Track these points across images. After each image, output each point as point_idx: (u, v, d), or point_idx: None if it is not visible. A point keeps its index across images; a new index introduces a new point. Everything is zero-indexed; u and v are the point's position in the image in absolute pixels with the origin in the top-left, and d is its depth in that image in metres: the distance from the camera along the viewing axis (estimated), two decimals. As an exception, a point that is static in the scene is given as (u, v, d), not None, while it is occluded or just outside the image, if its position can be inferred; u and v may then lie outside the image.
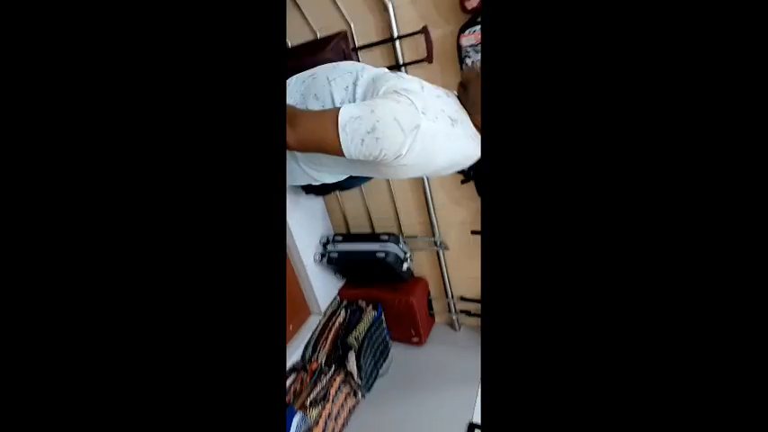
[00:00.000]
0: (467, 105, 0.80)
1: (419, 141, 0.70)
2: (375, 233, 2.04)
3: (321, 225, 2.13)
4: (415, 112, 0.69)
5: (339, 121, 0.70)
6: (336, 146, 0.71)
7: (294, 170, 0.91)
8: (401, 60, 1.62)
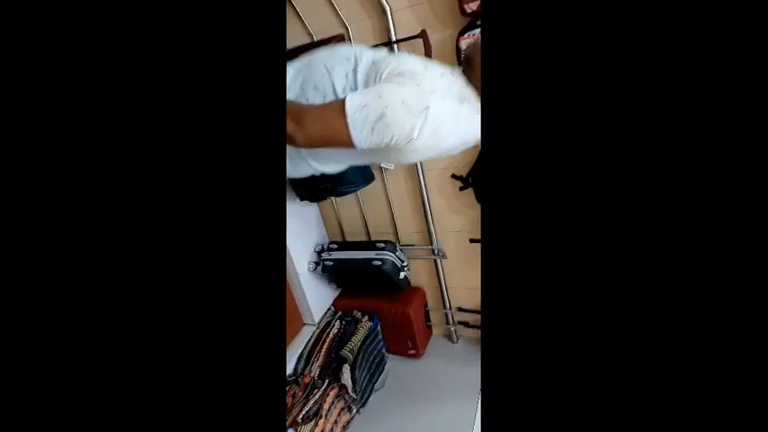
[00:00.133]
0: (472, 81, 0.78)
1: (429, 123, 0.68)
2: (371, 241, 1.99)
3: (315, 232, 2.08)
4: (422, 93, 0.67)
5: (346, 111, 0.67)
6: (347, 138, 0.69)
7: (298, 164, 0.87)
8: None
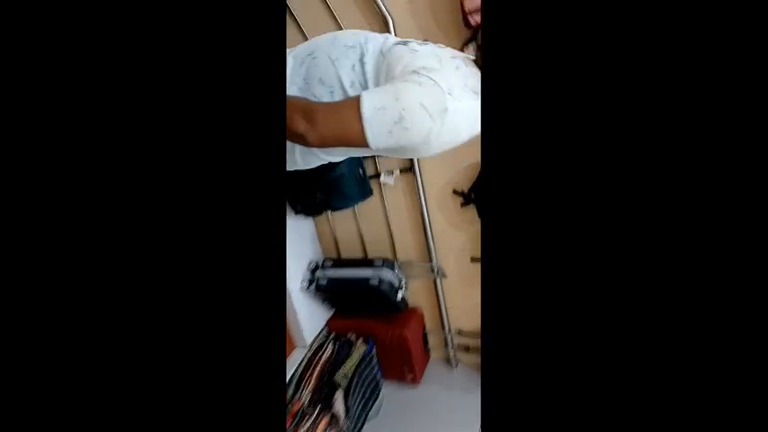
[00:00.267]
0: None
1: (447, 124, 0.67)
2: (368, 258, 1.91)
3: (310, 249, 1.99)
4: (441, 93, 0.65)
5: (362, 113, 0.65)
6: (362, 140, 0.67)
7: (308, 158, 0.85)
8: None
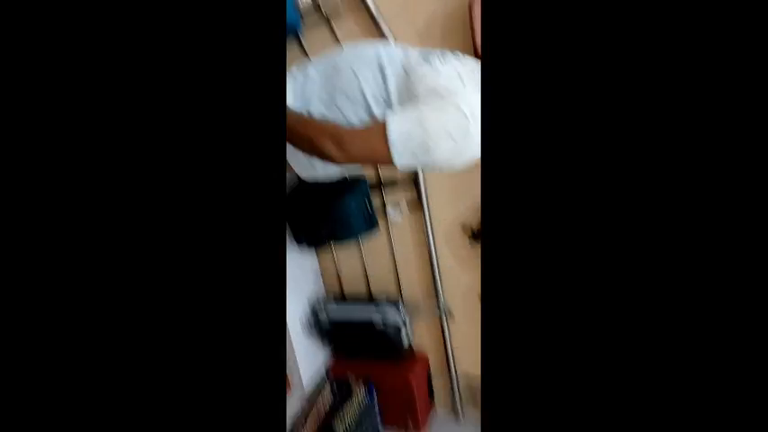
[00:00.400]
0: None
1: (470, 145, 0.70)
2: (372, 296, 1.82)
3: (312, 284, 1.91)
4: (463, 118, 0.68)
5: (388, 138, 0.69)
6: (388, 160, 0.71)
7: (329, 167, 0.88)
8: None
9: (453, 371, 1.79)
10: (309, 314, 1.82)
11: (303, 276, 1.87)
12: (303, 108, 0.83)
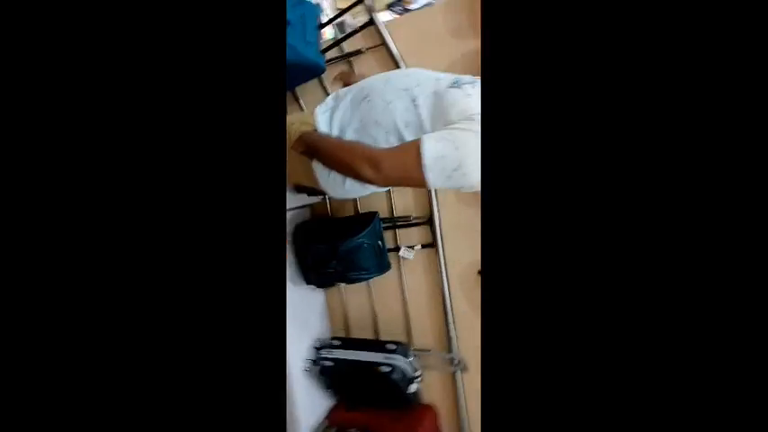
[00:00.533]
0: None
1: None
2: (380, 341, 1.72)
3: (318, 324, 1.82)
4: None
5: (423, 161, 0.70)
6: (422, 183, 0.72)
7: (367, 186, 0.90)
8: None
9: (466, 424, 1.66)
10: (313, 355, 1.73)
11: (310, 315, 1.79)
12: (338, 136, 0.86)
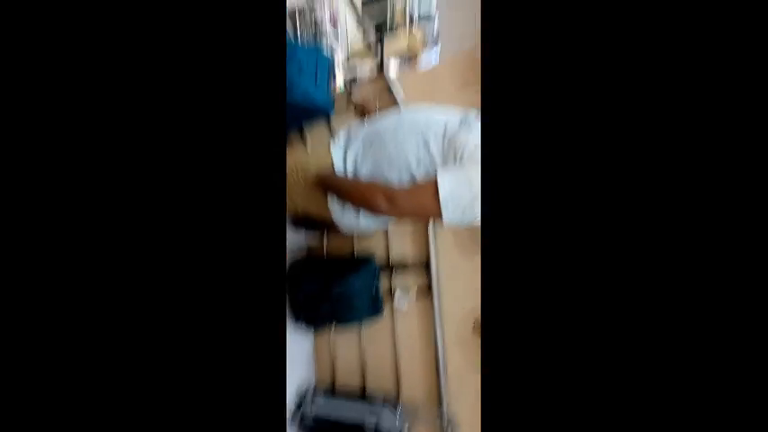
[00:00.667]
0: None
1: None
2: (366, 392, 1.62)
3: (303, 371, 1.72)
4: None
5: (440, 197, 0.72)
6: (438, 216, 0.73)
7: (384, 219, 0.95)
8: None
9: (454, 497, 1.50)
10: (295, 405, 1.61)
11: (294, 361, 1.69)
12: (351, 173, 0.89)
